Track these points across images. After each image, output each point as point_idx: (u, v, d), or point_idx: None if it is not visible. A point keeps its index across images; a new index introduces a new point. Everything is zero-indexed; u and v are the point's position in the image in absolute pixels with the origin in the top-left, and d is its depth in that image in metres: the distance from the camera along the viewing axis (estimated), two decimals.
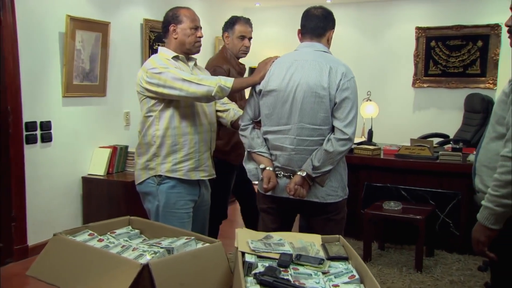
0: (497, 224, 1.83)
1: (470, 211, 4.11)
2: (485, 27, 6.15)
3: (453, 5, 6.27)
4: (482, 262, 3.95)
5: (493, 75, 6.13)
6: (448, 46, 6.30)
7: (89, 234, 1.95)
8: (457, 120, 5.99)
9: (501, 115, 1.87)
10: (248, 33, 3.55)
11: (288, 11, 7.16)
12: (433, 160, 4.22)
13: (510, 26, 1.94)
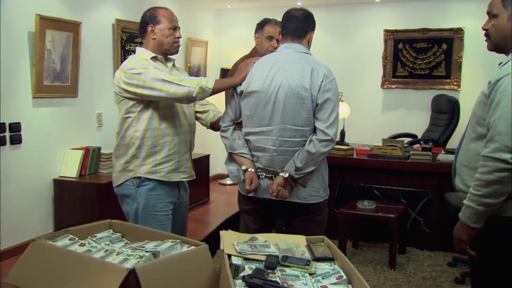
0: (478, 223, 1.84)
1: (440, 209, 4.19)
2: (449, 31, 6.28)
3: (419, 9, 6.38)
4: (451, 258, 4.01)
5: (457, 77, 6.26)
6: (415, 49, 6.40)
7: (69, 238, 1.87)
8: (425, 120, 6.09)
9: (481, 116, 1.88)
10: (276, 34, 3.40)
11: (259, 12, 7.10)
12: (404, 159, 4.26)
13: (487, 30, 1.95)
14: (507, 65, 1.82)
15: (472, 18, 6.20)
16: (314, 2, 6.74)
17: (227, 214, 5.86)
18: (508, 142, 1.72)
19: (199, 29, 6.84)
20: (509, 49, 1.90)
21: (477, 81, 6.19)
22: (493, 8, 1.91)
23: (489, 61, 6.10)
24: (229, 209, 6.06)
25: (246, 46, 7.29)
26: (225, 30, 7.35)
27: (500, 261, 1.88)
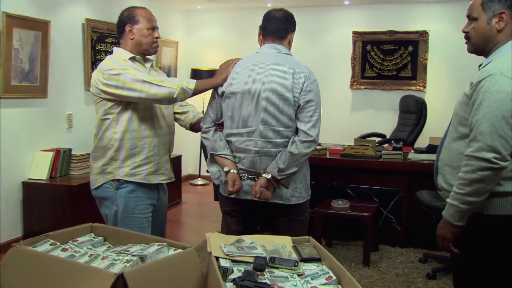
0: (461, 221, 1.86)
1: (411, 207, 4.25)
2: (414, 33, 6.39)
3: (386, 12, 6.46)
4: (422, 255, 4.08)
5: (422, 78, 6.38)
6: (383, 50, 6.49)
7: (50, 243, 1.79)
8: (392, 120, 6.18)
9: (463, 116, 1.90)
10: None
11: (229, 13, 7.10)
12: (376, 159, 4.31)
13: (467, 33, 1.98)
14: (489, 66, 1.84)
15: (436, 22, 6.34)
16: (284, 3, 6.74)
17: (200, 214, 5.83)
18: (491, 142, 1.75)
19: (169, 30, 6.75)
20: (488, 51, 1.93)
21: (441, 82, 6.34)
22: (473, 12, 1.94)
23: (453, 63, 6.31)
24: (201, 210, 6.02)
25: (216, 46, 7.30)
26: (195, 31, 7.27)
27: (482, 258, 1.91)
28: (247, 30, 7.03)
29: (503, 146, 1.74)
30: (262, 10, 7.35)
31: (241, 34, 7.07)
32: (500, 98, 1.74)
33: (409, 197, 4.25)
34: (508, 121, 1.74)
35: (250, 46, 7.02)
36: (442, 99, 6.25)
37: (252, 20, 7.13)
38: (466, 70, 6.24)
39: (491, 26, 1.88)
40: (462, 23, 5.48)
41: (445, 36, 6.31)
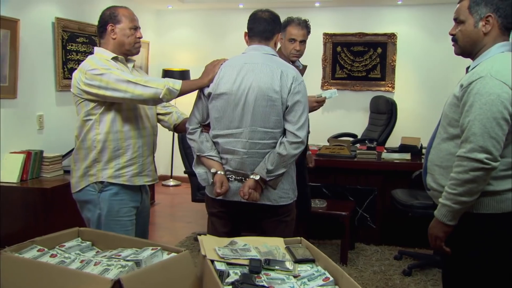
0: (453, 220, 1.88)
1: (385, 206, 4.30)
2: (383, 36, 6.48)
3: (356, 14, 6.53)
4: (397, 252, 4.13)
5: (391, 79, 6.48)
6: (352, 52, 6.55)
7: (38, 249, 1.71)
8: (363, 120, 6.25)
9: (453, 118, 1.92)
10: (299, 36, 3.28)
11: (200, 14, 7.04)
12: (351, 158, 4.34)
13: (454, 35, 2.00)
14: (478, 68, 1.86)
15: (404, 24, 6.45)
16: (254, 5, 6.71)
17: (173, 215, 5.75)
18: (483, 143, 1.77)
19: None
20: (475, 53, 1.95)
21: (409, 83, 6.45)
22: (460, 15, 1.96)
23: (420, 64, 6.43)
24: (175, 211, 5.94)
25: (188, 47, 7.22)
26: (167, 31, 7.17)
27: (471, 255, 1.93)
28: (219, 31, 6.99)
29: (494, 147, 1.77)
30: (234, 11, 7.36)
31: (213, 35, 7.02)
32: (491, 100, 1.76)
33: (383, 196, 4.30)
34: (499, 122, 1.77)
35: (221, 47, 7.03)
36: (410, 99, 6.37)
37: (224, 21, 7.12)
38: (432, 72, 6.41)
39: (478, 29, 1.91)
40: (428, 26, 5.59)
41: (412, 39, 6.43)
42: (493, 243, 1.90)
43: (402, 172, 4.20)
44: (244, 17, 8.08)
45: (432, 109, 6.43)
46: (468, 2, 1.93)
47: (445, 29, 6.92)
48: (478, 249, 1.91)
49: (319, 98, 3.09)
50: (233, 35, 7.00)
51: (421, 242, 4.23)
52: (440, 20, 6.31)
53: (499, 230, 1.89)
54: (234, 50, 7.04)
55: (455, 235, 1.91)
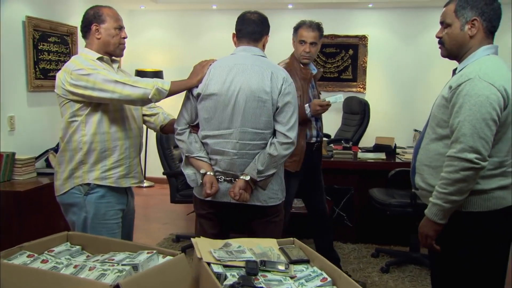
0: (444, 219, 1.90)
1: (361, 204, 4.34)
2: (354, 38, 6.56)
3: (328, 16, 6.57)
4: (374, 250, 4.17)
5: (362, 80, 6.56)
6: (325, 53, 6.60)
7: (28, 255, 1.65)
8: (336, 120, 6.29)
9: (441, 118, 1.94)
10: (309, 38, 3.27)
11: (174, 14, 6.95)
12: (328, 158, 4.36)
13: (441, 38, 2.03)
14: (467, 71, 1.88)
15: (375, 27, 6.54)
16: (227, 6, 6.71)
17: (148, 217, 5.65)
18: (473, 143, 1.80)
19: None
20: (462, 56, 1.98)
21: (380, 84, 6.55)
22: (446, 18, 1.99)
23: (390, 66, 6.54)
24: (149, 212, 5.84)
25: (161, 47, 7.13)
26: (139, 32, 7.06)
27: (461, 254, 1.96)
28: (192, 31, 6.93)
29: (483, 147, 1.80)
30: (207, 12, 7.29)
31: (186, 36, 6.95)
32: (480, 101, 1.79)
33: (360, 195, 4.34)
34: (488, 123, 1.80)
35: (195, 48, 6.98)
36: (381, 100, 6.47)
37: (197, 22, 7.06)
38: (402, 73, 6.53)
39: (464, 32, 1.94)
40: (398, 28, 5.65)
41: (382, 41, 6.53)
42: (481, 240, 1.93)
43: (378, 172, 4.25)
44: (217, 18, 8.07)
45: (401, 109, 6.56)
46: (454, 6, 1.96)
47: (413, 32, 7.09)
48: (467, 247, 1.94)
49: (322, 102, 3.12)
50: (206, 36, 6.95)
51: (397, 240, 4.30)
52: (409, 23, 6.44)
53: (486, 227, 1.92)
54: (208, 51, 7.04)
55: (445, 234, 1.94)
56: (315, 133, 3.37)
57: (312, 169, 3.44)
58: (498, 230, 1.94)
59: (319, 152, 3.53)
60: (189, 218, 5.11)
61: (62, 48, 5.32)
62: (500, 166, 1.89)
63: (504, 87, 1.81)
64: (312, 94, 3.34)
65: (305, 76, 3.27)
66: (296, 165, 3.22)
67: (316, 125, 3.37)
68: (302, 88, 3.22)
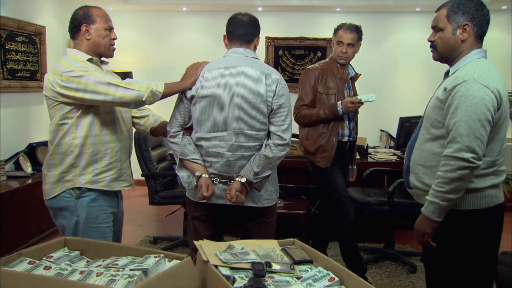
0: (441, 216, 1.94)
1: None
2: (323, 40, 6.62)
3: (297, 19, 6.63)
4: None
5: None
6: (294, 55, 6.64)
7: (28, 262, 1.58)
8: None
9: (436, 119, 1.98)
10: (346, 39, 3.30)
11: (143, 15, 6.83)
12: (303, 158, 4.37)
13: (433, 41, 2.07)
14: (461, 73, 1.93)
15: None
16: (197, 7, 6.65)
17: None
18: (469, 143, 1.84)
19: None
20: (453, 59, 2.03)
21: None
22: (438, 23, 2.03)
23: (356, 68, 6.60)
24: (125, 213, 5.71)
25: (130, 48, 6.98)
26: None
27: (455, 250, 2.01)
28: (162, 33, 6.83)
29: (479, 146, 1.84)
30: (177, 14, 7.21)
31: (156, 37, 6.85)
32: (475, 102, 1.83)
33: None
34: (483, 123, 1.84)
35: (165, 49, 6.88)
36: None
37: (167, 23, 6.96)
38: (367, 75, 6.60)
39: (456, 36, 1.99)
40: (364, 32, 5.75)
41: None
42: (475, 237, 1.98)
43: None
44: (187, 20, 7.99)
45: (368, 109, 6.62)
46: (446, 11, 2.00)
47: (379, 36, 7.21)
48: (461, 243, 1.99)
49: (354, 99, 3.18)
50: (176, 37, 6.87)
51: (370, 237, 4.37)
52: (375, 27, 6.56)
53: (479, 224, 1.97)
54: (177, 52, 6.97)
55: (440, 231, 1.97)
56: (348, 132, 3.42)
57: (343, 169, 3.52)
58: (490, 227, 2.00)
59: (351, 152, 3.57)
60: (167, 220, 5.03)
61: (30, 48, 5.14)
62: (492, 165, 1.95)
63: (497, 89, 1.86)
64: (347, 95, 3.39)
65: (341, 76, 3.35)
66: (326, 161, 3.33)
67: (349, 124, 3.42)
68: (337, 87, 3.32)
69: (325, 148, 3.32)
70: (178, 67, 6.81)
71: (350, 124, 3.44)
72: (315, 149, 3.39)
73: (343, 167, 3.51)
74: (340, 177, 3.41)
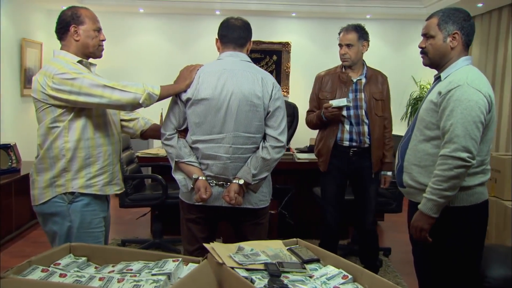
0: (438, 213, 2.02)
1: (301, 202, 4.45)
2: (278, 44, 6.71)
3: (254, 22, 6.46)
4: (318, 245, 4.28)
5: (286, 85, 6.74)
6: (250, 59, 6.62)
7: (41, 270, 1.50)
8: None
9: (430, 121, 2.07)
10: (344, 40, 3.20)
11: (99, 16, 6.47)
12: None
13: (423, 48, 2.15)
14: (454, 78, 2.01)
15: (297, 34, 6.75)
16: (154, 9, 6.52)
17: None
18: (465, 143, 1.93)
19: (31, 30, 6.03)
20: (443, 65, 2.12)
21: (302, 88, 6.73)
22: (430, 30, 2.11)
23: (310, 71, 6.72)
24: None
25: None
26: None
27: (449, 244, 2.10)
28: (118, 34, 6.64)
29: (473, 146, 1.94)
30: (134, 15, 7.05)
31: (111, 38, 6.57)
32: (470, 106, 1.93)
33: (300, 194, 4.45)
34: (477, 125, 1.94)
35: (120, 51, 6.70)
36: (304, 103, 6.61)
37: (123, 25, 6.77)
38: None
39: (446, 44, 2.08)
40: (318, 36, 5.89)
41: (304, 47, 6.74)
42: (466, 231, 2.09)
43: (316, 171, 4.37)
44: (144, 22, 7.82)
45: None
46: (437, 19, 2.09)
47: (330, 40, 7.36)
48: (454, 237, 2.09)
49: (327, 105, 3.09)
50: (132, 39, 6.71)
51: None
52: (327, 32, 6.70)
53: (470, 220, 2.08)
54: (134, 54, 6.81)
55: (434, 227, 2.06)
56: (348, 136, 3.21)
57: (355, 176, 3.34)
58: (479, 221, 2.12)
59: (361, 159, 3.26)
60: (133, 223, 4.90)
61: None
62: (482, 165, 2.05)
63: (488, 94, 1.98)
64: (352, 98, 3.21)
65: (342, 79, 3.25)
66: (324, 165, 3.29)
67: (350, 129, 3.21)
68: (337, 91, 3.23)
69: (322, 152, 3.28)
70: (134, 68, 6.74)
71: (352, 129, 3.21)
72: (317, 153, 3.37)
73: (356, 175, 3.33)
74: (334, 183, 3.33)
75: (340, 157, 3.25)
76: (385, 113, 3.30)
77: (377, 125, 3.24)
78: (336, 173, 3.30)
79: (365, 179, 3.32)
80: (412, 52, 6.81)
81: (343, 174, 3.32)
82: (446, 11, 2.09)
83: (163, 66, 6.71)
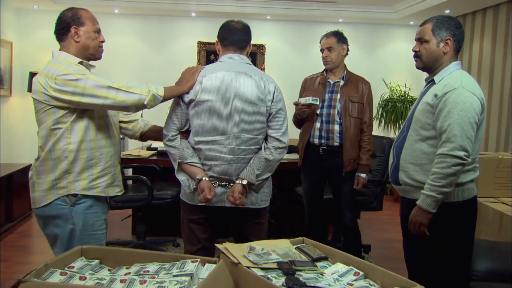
0: (436, 208, 2.11)
1: (282, 202, 4.49)
2: (253, 46, 6.68)
3: None
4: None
5: None
6: None
7: (60, 273, 1.47)
8: None
9: (426, 122, 2.15)
10: (324, 44, 3.34)
11: None
12: None
13: (417, 51, 2.23)
14: (448, 81, 2.12)
15: (271, 36, 6.80)
16: (129, 10, 6.42)
17: None
18: (462, 143, 2.02)
19: (1, 29, 5.85)
20: (435, 68, 2.21)
21: None
22: (424, 35, 2.20)
23: (284, 72, 6.83)
24: None
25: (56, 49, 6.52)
26: (31, 32, 6.43)
27: (445, 238, 2.19)
28: None
29: (469, 145, 2.04)
30: (108, 16, 6.94)
31: None
32: (466, 107, 2.03)
33: (281, 194, 4.48)
34: (472, 126, 2.04)
35: None
36: None
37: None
38: (294, 78, 6.81)
39: (439, 49, 2.18)
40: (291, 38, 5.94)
41: (278, 49, 6.80)
42: (460, 224, 2.19)
43: (295, 170, 4.42)
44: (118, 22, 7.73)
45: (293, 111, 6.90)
46: (431, 25, 2.18)
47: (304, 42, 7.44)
48: (449, 230, 2.18)
49: (295, 101, 3.25)
50: (107, 40, 6.52)
51: None
52: (301, 35, 6.80)
53: (463, 214, 2.19)
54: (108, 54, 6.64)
55: (433, 221, 2.14)
56: (318, 134, 3.33)
57: (329, 174, 3.39)
58: (470, 215, 2.23)
59: (333, 158, 3.32)
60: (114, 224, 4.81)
61: None
62: (473, 162, 2.16)
63: (481, 96, 2.09)
64: (327, 98, 3.35)
65: (321, 81, 3.41)
66: (300, 161, 3.46)
67: (320, 126, 3.32)
68: (313, 90, 3.38)
69: (299, 148, 3.48)
70: (109, 69, 6.62)
71: (322, 127, 3.32)
72: (297, 149, 3.55)
73: (324, 171, 3.39)
74: (309, 180, 3.45)
75: (312, 155, 3.39)
76: (364, 117, 3.39)
77: (352, 126, 3.33)
78: (310, 169, 3.44)
79: (337, 178, 3.39)
80: (383, 55, 6.99)
81: (318, 171, 3.43)
82: (439, 18, 2.19)
83: (138, 67, 6.64)
